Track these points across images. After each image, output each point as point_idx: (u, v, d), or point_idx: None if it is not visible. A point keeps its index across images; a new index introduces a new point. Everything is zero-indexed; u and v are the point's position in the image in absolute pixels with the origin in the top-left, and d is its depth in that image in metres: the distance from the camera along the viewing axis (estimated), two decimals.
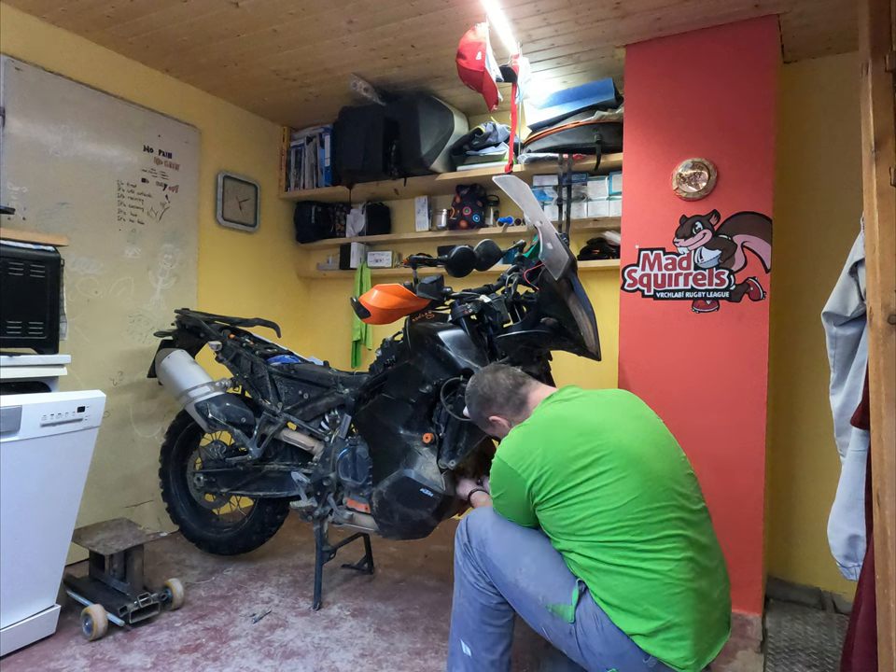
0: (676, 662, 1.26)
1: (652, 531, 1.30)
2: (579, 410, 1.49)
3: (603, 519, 1.31)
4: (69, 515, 1.98)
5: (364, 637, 2.06)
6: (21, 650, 1.92)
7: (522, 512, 1.48)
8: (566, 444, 1.38)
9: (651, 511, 1.31)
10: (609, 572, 1.31)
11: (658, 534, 1.30)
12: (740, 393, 2.30)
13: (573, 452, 1.37)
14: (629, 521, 1.30)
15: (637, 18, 2.31)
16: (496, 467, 1.49)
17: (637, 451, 1.37)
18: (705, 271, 2.36)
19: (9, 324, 1.93)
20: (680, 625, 1.27)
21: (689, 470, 1.47)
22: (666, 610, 1.27)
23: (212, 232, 3.27)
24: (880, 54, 1.39)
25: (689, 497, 1.39)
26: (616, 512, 1.31)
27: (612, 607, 1.30)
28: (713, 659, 1.35)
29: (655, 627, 1.27)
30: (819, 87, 2.55)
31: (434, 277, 2.02)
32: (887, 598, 1.28)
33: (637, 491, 1.32)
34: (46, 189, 2.48)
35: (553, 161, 2.79)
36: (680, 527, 1.33)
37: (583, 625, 1.34)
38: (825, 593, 2.48)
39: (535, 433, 1.45)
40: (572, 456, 1.36)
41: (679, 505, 1.35)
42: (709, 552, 1.39)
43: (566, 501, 1.36)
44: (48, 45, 2.49)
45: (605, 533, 1.31)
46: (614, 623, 1.30)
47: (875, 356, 1.34)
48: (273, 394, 2.45)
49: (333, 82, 3.02)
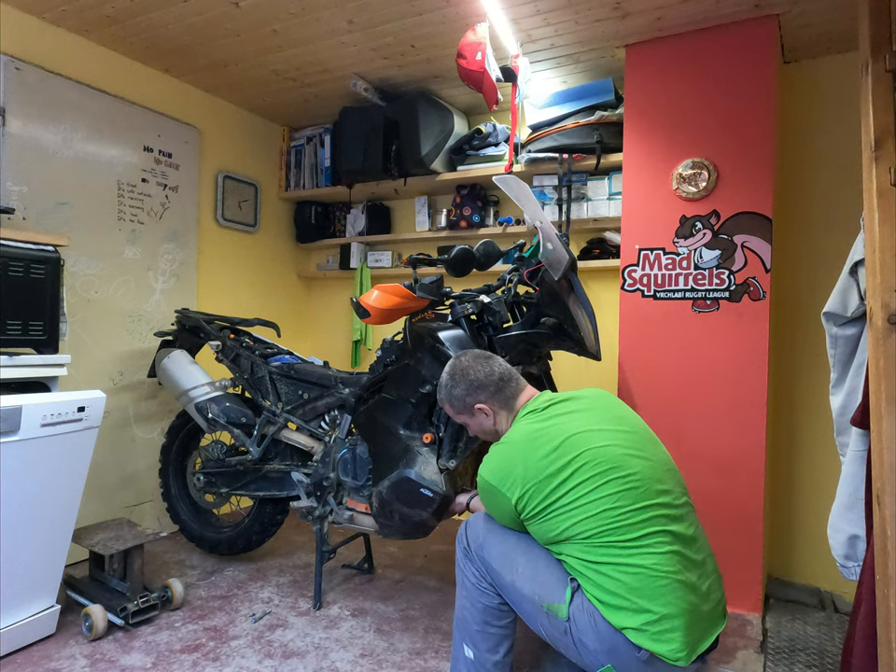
0: (667, 654, 1.27)
1: (635, 530, 1.32)
2: (556, 421, 1.50)
3: (586, 525, 1.34)
4: (69, 515, 1.98)
5: (364, 637, 2.06)
6: (21, 650, 1.92)
7: (512, 522, 1.51)
8: (545, 461, 1.41)
9: (632, 511, 1.33)
10: (597, 570, 1.33)
11: (641, 531, 1.32)
12: (740, 393, 2.30)
13: (552, 467, 1.39)
14: (611, 524, 1.32)
15: (637, 18, 2.31)
16: (481, 485, 1.52)
17: (615, 455, 1.39)
18: (705, 271, 2.36)
19: (9, 324, 1.93)
20: (670, 617, 1.28)
21: (670, 466, 1.48)
22: (655, 603, 1.28)
23: (212, 232, 3.27)
24: (880, 54, 1.39)
25: (671, 493, 1.41)
26: (598, 518, 1.33)
27: (603, 603, 1.32)
28: (708, 649, 1.36)
29: (645, 620, 1.28)
30: (819, 87, 2.55)
31: (434, 277, 2.02)
32: (887, 598, 1.28)
33: (617, 496, 1.34)
34: (46, 189, 2.49)
35: (553, 160, 2.79)
36: (663, 524, 1.35)
37: (577, 623, 1.36)
38: (825, 593, 2.48)
39: (515, 451, 1.47)
40: (552, 472, 1.39)
41: (661, 503, 1.37)
42: (695, 544, 1.40)
43: (549, 515, 1.39)
44: (48, 45, 2.49)
45: (590, 538, 1.34)
46: (606, 619, 1.32)
47: (875, 356, 1.34)
48: (273, 394, 2.45)
49: (333, 82, 3.02)
